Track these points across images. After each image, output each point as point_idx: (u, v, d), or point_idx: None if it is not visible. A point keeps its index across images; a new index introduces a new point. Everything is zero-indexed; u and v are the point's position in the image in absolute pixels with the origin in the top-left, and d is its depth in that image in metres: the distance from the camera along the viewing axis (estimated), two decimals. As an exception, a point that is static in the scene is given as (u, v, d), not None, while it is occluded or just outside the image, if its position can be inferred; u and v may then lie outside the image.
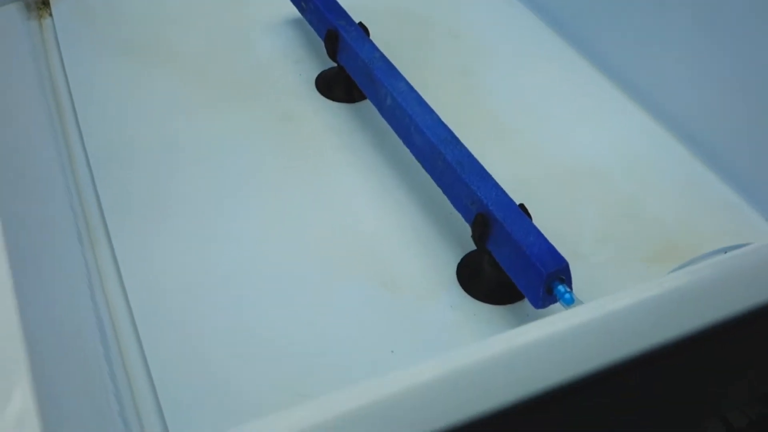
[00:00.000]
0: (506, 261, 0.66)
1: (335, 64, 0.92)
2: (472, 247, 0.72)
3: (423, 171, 0.77)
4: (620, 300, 0.43)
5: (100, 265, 0.71)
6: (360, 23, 0.90)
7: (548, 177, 0.83)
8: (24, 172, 0.67)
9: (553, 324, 0.43)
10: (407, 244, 0.75)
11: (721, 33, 0.80)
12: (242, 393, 0.62)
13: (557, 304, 0.64)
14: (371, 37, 0.89)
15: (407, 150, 0.79)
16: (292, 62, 0.97)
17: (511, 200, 0.67)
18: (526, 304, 0.69)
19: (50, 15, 1.02)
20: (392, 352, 0.65)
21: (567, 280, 0.63)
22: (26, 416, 0.37)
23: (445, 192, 0.73)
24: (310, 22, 0.96)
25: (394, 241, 0.75)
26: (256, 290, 0.70)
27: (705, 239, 0.75)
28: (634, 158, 0.86)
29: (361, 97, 0.90)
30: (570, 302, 0.61)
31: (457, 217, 0.73)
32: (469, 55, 1.00)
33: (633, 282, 0.69)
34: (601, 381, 0.41)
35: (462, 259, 0.73)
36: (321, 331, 0.67)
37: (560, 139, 0.88)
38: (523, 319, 0.69)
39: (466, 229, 0.71)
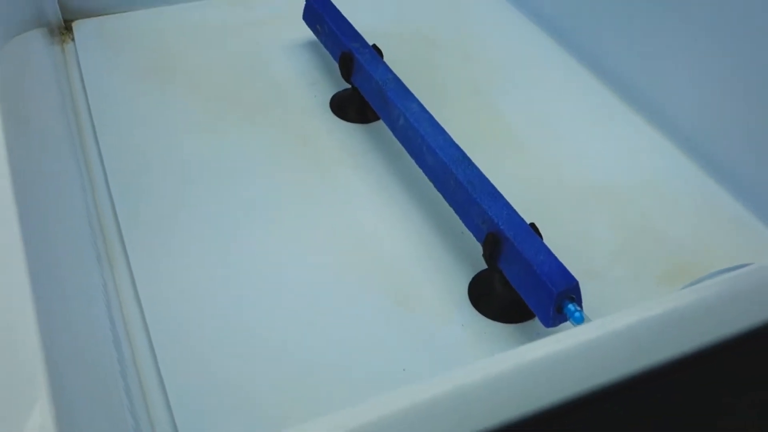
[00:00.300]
0: (517, 280, 0.67)
1: (349, 86, 0.94)
2: (484, 266, 0.73)
3: (435, 190, 0.78)
4: (626, 317, 0.44)
5: (117, 283, 0.73)
6: (374, 45, 0.92)
7: (561, 194, 0.84)
8: (46, 190, 0.69)
9: (559, 341, 0.44)
10: (419, 262, 0.76)
11: (731, 49, 0.81)
12: (259, 407, 0.63)
13: (568, 323, 0.65)
14: (384, 60, 0.91)
15: (419, 170, 0.80)
16: (308, 84, 0.99)
17: (521, 219, 0.68)
18: (536, 322, 0.70)
19: (72, 40, 1.05)
20: (404, 370, 0.66)
21: (577, 299, 0.63)
22: None
23: (456, 211, 0.74)
24: (325, 45, 0.98)
25: (406, 259, 0.76)
26: (272, 306, 0.72)
27: (717, 256, 0.76)
28: (645, 175, 0.86)
29: (374, 118, 0.92)
30: (580, 321, 0.62)
31: (469, 236, 0.75)
32: (480, 75, 1.01)
33: (645, 300, 0.70)
34: (607, 397, 0.41)
35: (473, 278, 0.74)
36: (333, 345, 0.68)
37: (572, 156, 0.89)
38: (533, 338, 0.70)
39: (478, 248, 0.72)
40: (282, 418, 0.62)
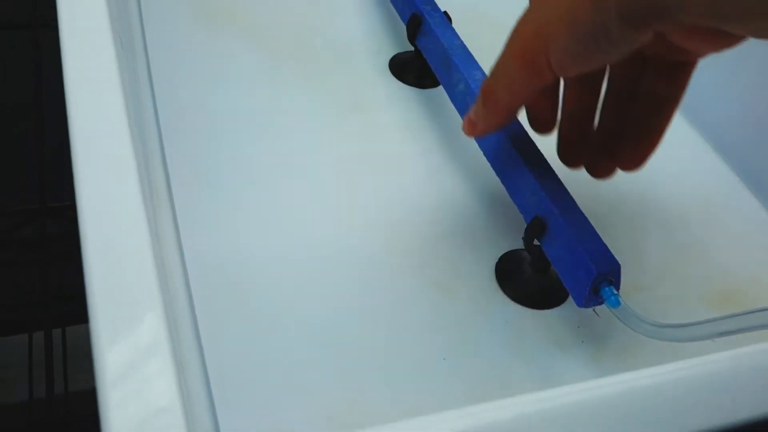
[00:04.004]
0: (556, 253, 0.68)
1: (412, 48, 0.96)
2: (511, 246, 0.76)
3: (479, 163, 0.79)
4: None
5: (159, 228, 0.74)
6: (445, 12, 0.93)
7: (612, 206, 0.85)
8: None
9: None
10: (452, 238, 0.79)
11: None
12: (293, 384, 0.64)
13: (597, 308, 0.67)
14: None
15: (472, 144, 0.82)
16: (369, 41, 1.02)
17: (571, 196, 0.70)
18: (570, 315, 0.72)
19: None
20: (444, 359, 0.68)
21: (616, 283, 0.64)
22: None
23: (505, 184, 0.76)
24: (394, 4, 1.01)
25: (441, 234, 0.79)
26: (313, 274, 0.73)
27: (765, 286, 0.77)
28: (704, 201, 0.87)
29: (431, 85, 0.96)
30: (616, 305, 0.63)
31: (506, 210, 0.76)
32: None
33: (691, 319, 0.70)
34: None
35: (501, 257, 0.76)
36: (370, 324, 0.70)
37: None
38: (572, 329, 0.72)
39: (511, 224, 0.74)
40: (316, 392, 0.64)
